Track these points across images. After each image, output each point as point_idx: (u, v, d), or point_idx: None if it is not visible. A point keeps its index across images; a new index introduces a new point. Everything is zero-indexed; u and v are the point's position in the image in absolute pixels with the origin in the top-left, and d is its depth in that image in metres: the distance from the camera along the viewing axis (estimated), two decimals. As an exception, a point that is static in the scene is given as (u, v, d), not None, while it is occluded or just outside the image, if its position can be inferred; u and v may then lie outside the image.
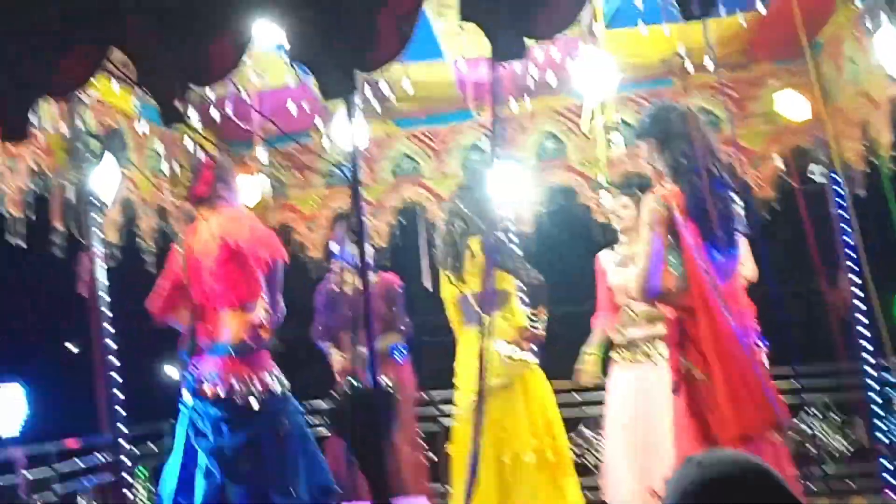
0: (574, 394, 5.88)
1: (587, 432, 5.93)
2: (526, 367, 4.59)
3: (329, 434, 4.99)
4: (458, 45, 4.24)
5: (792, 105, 5.15)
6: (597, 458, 5.42)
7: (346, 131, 3.32)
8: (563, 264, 5.25)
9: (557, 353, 5.08)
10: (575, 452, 5.84)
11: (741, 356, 3.13)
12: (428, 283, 6.17)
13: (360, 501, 4.00)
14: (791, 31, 4.44)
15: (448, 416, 6.15)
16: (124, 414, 4.77)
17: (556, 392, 4.84)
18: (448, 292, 4.73)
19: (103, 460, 4.76)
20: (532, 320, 4.79)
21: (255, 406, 3.59)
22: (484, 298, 4.14)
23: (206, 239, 3.73)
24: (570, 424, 5.55)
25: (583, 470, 5.51)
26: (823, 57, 5.22)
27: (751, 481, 1.28)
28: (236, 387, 3.60)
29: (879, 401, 5.50)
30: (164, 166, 4.98)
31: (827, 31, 5.06)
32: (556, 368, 4.96)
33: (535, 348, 4.76)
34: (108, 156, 4.28)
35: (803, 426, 5.53)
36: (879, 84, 4.54)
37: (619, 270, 4.80)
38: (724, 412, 3.12)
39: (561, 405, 4.83)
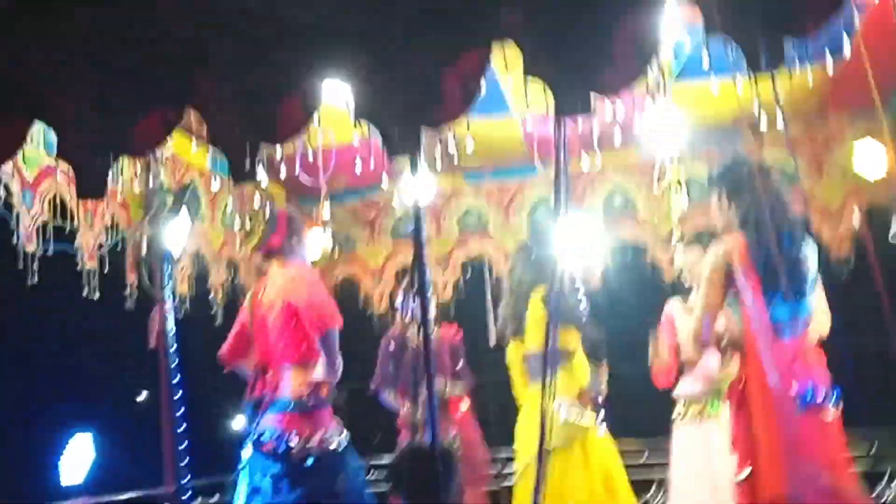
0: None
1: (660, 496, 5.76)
2: (586, 432, 4.44)
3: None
4: (524, 100, 4.24)
5: (871, 158, 5.01)
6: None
7: (412, 187, 3.34)
8: (631, 321, 5.16)
9: (622, 412, 4.96)
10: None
11: (773, 421, 3.03)
12: (492, 340, 6.13)
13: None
14: (868, 83, 4.34)
15: (511, 474, 6.07)
16: (188, 466, 4.83)
17: (623, 452, 4.70)
18: (513, 352, 4.67)
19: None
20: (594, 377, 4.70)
21: (311, 463, 3.57)
22: (546, 355, 4.07)
23: (272, 295, 3.77)
24: (641, 486, 5.38)
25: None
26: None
27: None
28: (294, 443, 3.59)
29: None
30: (236, 221, 5.08)
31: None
32: (619, 427, 4.83)
33: (600, 406, 4.65)
34: (181, 210, 4.40)
35: (883, 495, 5.28)
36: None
37: (687, 320, 4.69)
38: (758, 476, 3.04)
39: (628, 466, 4.69)
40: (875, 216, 5.37)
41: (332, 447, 3.65)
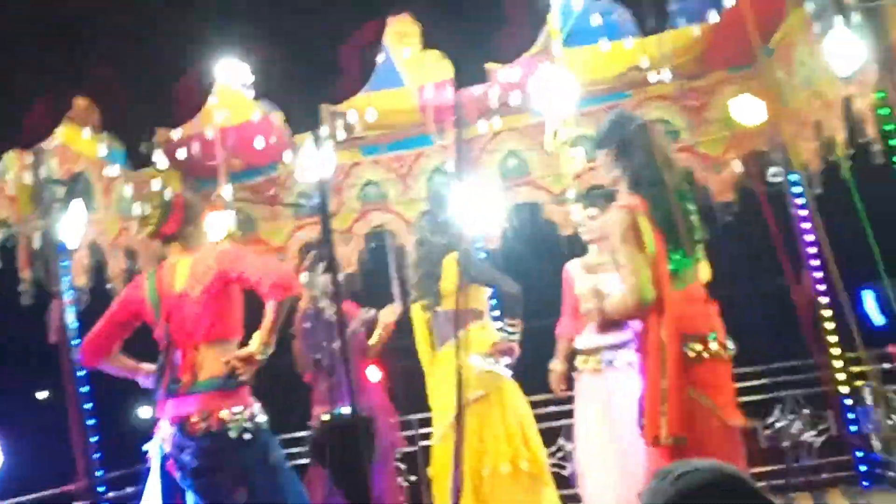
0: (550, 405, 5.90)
1: (567, 444, 5.97)
2: (500, 380, 4.60)
3: (308, 464, 4.98)
4: (418, 72, 4.30)
5: (747, 110, 5.25)
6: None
7: (313, 162, 3.34)
8: (531, 279, 5.29)
9: (526, 366, 5.12)
10: (557, 464, 5.90)
11: (669, 369, 3.19)
12: (397, 308, 6.20)
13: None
14: (744, 39, 4.55)
15: (425, 437, 6.19)
16: (100, 459, 4.76)
17: (532, 405, 4.87)
18: (418, 316, 4.75)
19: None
20: (508, 332, 4.83)
21: (247, 438, 3.57)
22: (459, 314, 4.19)
23: (196, 273, 3.71)
24: (548, 436, 5.58)
25: (565, 481, 5.53)
26: (776, 61, 5.35)
27: (723, 489, 1.30)
28: (226, 420, 3.58)
29: (848, 393, 5.61)
30: (132, 208, 4.95)
31: (778, 36, 5.19)
32: (526, 382, 4.99)
33: (510, 361, 4.79)
34: (73, 201, 4.27)
35: (778, 421, 5.62)
36: (831, 85, 4.66)
37: (587, 278, 4.86)
38: (658, 419, 3.20)
39: (537, 417, 4.86)
40: (755, 162, 5.68)
41: (255, 424, 3.65)
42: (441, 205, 4.74)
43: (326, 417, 4.53)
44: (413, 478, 6.22)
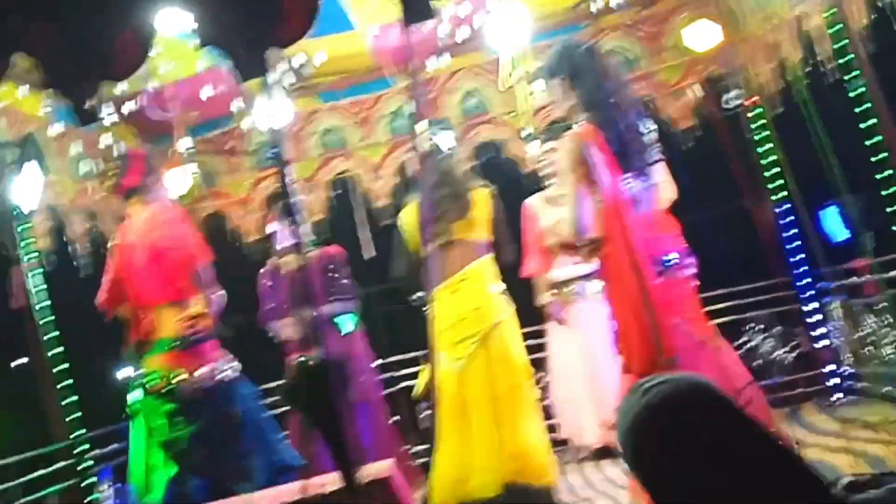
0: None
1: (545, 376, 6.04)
2: (510, 305, 4.39)
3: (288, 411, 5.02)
4: (366, 13, 4.23)
5: (702, 35, 5.24)
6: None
7: (267, 111, 3.31)
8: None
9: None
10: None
11: (636, 294, 3.21)
12: (367, 253, 6.20)
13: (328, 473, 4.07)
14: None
15: (406, 378, 6.26)
16: (79, 419, 4.77)
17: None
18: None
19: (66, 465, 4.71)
20: None
21: (204, 396, 3.60)
22: (500, 243, 4.26)
23: (135, 237, 3.70)
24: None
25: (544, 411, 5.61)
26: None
27: (694, 399, 1.29)
28: (181, 380, 3.60)
29: (817, 309, 5.71)
30: (87, 167, 4.88)
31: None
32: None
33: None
34: (25, 164, 4.20)
35: (749, 341, 5.72)
36: (784, 5, 4.66)
37: (548, 211, 4.86)
38: (625, 349, 3.24)
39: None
40: (713, 86, 5.68)
41: (221, 378, 3.68)
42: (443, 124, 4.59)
43: (295, 363, 4.56)
44: (396, 418, 6.30)
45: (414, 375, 6.21)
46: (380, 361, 5.83)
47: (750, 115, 5.56)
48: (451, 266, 4.23)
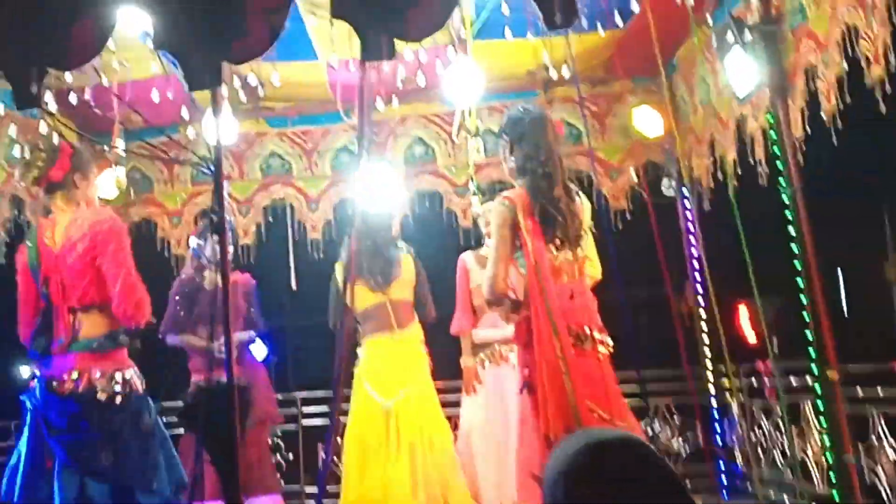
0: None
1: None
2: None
3: (182, 433, 4.89)
4: (329, 46, 4.26)
5: (647, 121, 5.41)
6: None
7: (212, 124, 3.28)
8: (429, 269, 5.34)
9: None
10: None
11: (553, 362, 3.26)
12: (293, 284, 6.15)
13: (213, 500, 3.98)
14: (649, 51, 4.69)
15: (307, 417, 6.18)
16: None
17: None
18: (362, 300, 4.73)
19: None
20: None
21: (118, 401, 3.49)
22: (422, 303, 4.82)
23: (66, 235, 3.59)
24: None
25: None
26: (678, 77, 5.53)
27: (633, 441, 1.40)
28: (97, 382, 3.49)
29: (717, 405, 5.85)
30: (18, 152, 4.75)
31: (682, 52, 5.36)
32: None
33: None
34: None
35: (647, 428, 5.80)
36: (727, 104, 4.85)
37: (481, 272, 4.91)
38: (542, 413, 3.27)
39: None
40: (650, 172, 5.85)
41: (128, 388, 3.58)
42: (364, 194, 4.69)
43: (202, 383, 4.47)
44: (291, 456, 6.21)
45: (316, 415, 6.19)
46: (280, 396, 5.77)
47: (682, 205, 5.74)
48: (391, 321, 4.72)
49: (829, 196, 5.60)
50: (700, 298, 5.79)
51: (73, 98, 3.30)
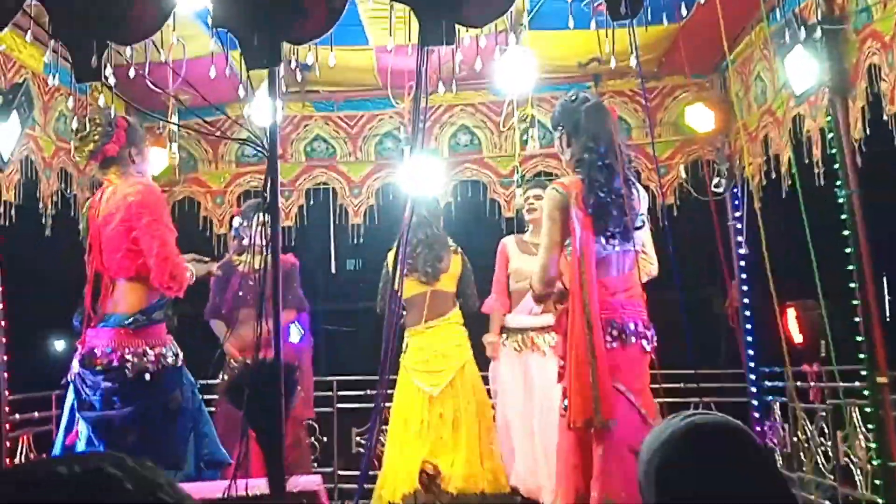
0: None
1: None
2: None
3: (216, 409, 4.92)
4: (386, 28, 4.23)
5: (700, 118, 5.34)
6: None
7: (265, 106, 3.28)
8: (470, 259, 5.32)
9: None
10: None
11: (583, 353, 3.22)
12: (333, 268, 6.15)
13: (255, 477, 3.99)
14: (703, 47, 4.62)
15: (342, 400, 6.19)
16: (13, 381, 4.61)
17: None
18: (409, 289, 4.96)
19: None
20: None
21: (147, 378, 3.51)
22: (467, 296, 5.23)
23: (110, 208, 3.62)
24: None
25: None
26: (733, 73, 5.44)
27: (732, 424, 1.39)
28: (129, 358, 3.50)
29: (758, 406, 5.76)
30: (71, 126, 4.78)
31: (739, 49, 5.27)
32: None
33: None
34: (11, 113, 4.12)
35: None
36: (784, 103, 4.75)
37: (520, 256, 4.94)
38: (569, 405, 3.25)
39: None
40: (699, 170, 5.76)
41: (167, 363, 3.59)
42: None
43: (248, 361, 4.47)
44: (325, 438, 6.22)
45: (349, 398, 6.20)
46: (317, 378, 5.78)
47: (733, 203, 5.65)
48: (431, 310, 5.06)
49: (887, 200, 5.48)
50: (745, 299, 5.69)
51: (129, 73, 3.30)
